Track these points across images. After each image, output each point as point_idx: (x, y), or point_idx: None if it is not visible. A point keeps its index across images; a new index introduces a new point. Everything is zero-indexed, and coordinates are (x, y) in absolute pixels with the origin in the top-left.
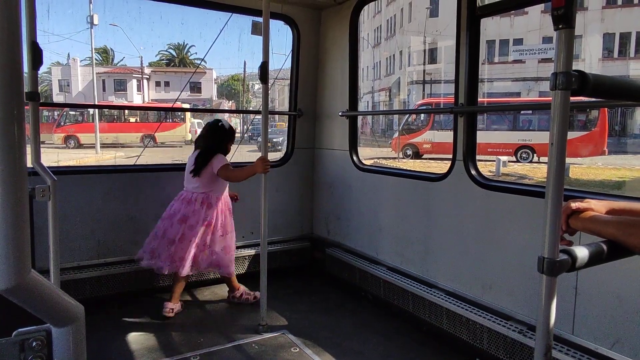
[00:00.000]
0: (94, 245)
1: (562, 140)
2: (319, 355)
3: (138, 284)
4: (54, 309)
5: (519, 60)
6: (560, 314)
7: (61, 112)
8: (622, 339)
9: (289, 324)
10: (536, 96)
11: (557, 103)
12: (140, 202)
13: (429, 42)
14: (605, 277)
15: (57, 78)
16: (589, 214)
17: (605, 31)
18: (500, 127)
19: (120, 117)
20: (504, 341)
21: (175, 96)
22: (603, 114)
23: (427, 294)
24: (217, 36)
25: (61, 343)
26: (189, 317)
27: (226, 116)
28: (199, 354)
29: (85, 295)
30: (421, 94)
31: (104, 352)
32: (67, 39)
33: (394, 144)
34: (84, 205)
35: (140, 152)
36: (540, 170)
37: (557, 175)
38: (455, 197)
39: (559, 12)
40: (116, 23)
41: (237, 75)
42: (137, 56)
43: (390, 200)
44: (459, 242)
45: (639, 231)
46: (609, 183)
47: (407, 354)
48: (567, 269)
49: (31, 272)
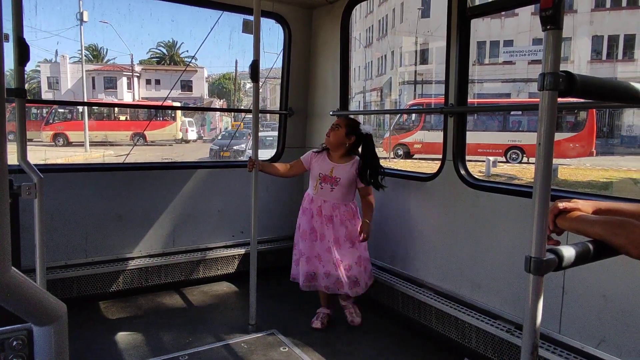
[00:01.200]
0: (81, 244)
1: (549, 140)
2: (308, 354)
3: (126, 283)
4: (35, 308)
5: (509, 61)
6: (547, 313)
7: (50, 110)
8: (607, 338)
9: (278, 324)
10: (526, 97)
11: (545, 104)
12: (129, 201)
13: (420, 43)
14: (591, 277)
15: (46, 75)
16: (576, 214)
17: (594, 33)
18: (490, 128)
19: (110, 115)
20: (492, 340)
21: (165, 94)
22: (591, 116)
23: (416, 293)
24: (207, 34)
25: (43, 342)
26: (178, 317)
27: (217, 115)
28: (187, 354)
29: (73, 294)
30: (412, 94)
31: (91, 351)
32: (55, 35)
33: (385, 144)
34: (72, 204)
35: (129, 150)
36: (529, 171)
37: (545, 175)
38: (445, 197)
39: (547, 13)
40: (106, 20)
41: (228, 73)
42: (127, 54)
43: (381, 200)
44: (448, 241)
45: (624, 231)
46: (597, 184)
47: (396, 353)
48: (554, 268)
49: (11, 270)
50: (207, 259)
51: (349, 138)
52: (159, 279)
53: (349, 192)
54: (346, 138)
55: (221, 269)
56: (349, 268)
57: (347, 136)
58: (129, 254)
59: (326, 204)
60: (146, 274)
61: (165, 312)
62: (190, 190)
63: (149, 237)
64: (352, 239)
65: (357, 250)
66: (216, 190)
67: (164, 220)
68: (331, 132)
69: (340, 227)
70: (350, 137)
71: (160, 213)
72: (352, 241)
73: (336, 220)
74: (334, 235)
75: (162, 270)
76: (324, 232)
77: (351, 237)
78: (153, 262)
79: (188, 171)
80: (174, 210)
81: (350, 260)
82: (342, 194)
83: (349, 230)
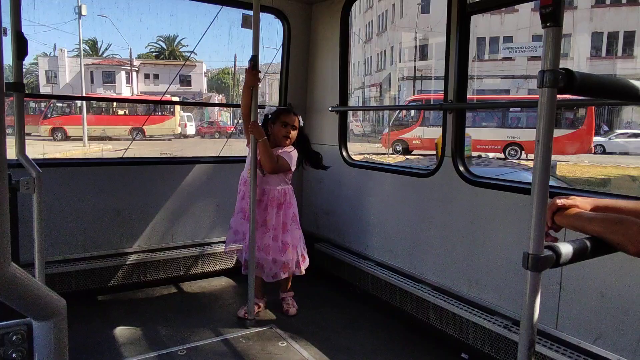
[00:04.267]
0: (80, 239)
1: (548, 137)
2: (306, 349)
3: (124, 278)
4: (35, 303)
5: (508, 57)
6: (544, 309)
7: (48, 104)
8: (604, 334)
9: (276, 318)
10: (525, 94)
11: (544, 100)
12: (128, 196)
13: (420, 39)
14: (589, 273)
15: (44, 69)
16: (574, 210)
17: (593, 30)
18: (490, 124)
19: (109, 109)
20: (489, 336)
21: (164, 89)
22: (590, 113)
23: (414, 289)
24: (207, 29)
25: (42, 337)
26: (176, 311)
27: (216, 110)
28: (185, 348)
29: (71, 288)
30: (412, 90)
31: (89, 346)
32: (54, 29)
33: (384, 140)
34: (70, 199)
35: (127, 145)
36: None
37: (543, 172)
38: (443, 193)
39: (547, 10)
40: (105, 14)
41: (227, 68)
42: (126, 48)
43: (379, 196)
44: (446, 237)
45: (622, 228)
46: (595, 181)
47: (394, 349)
48: (551, 265)
49: (10, 265)
50: (205, 254)
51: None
52: (157, 273)
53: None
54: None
55: (220, 264)
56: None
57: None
58: (128, 248)
59: (257, 188)
60: (145, 268)
61: (163, 307)
62: (189, 185)
63: (147, 232)
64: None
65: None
66: (215, 185)
67: (162, 215)
68: (292, 132)
69: (265, 212)
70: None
71: (159, 208)
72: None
73: (262, 205)
74: (270, 219)
75: (160, 265)
76: (264, 217)
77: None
78: (151, 257)
79: (187, 166)
80: (173, 205)
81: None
82: (275, 178)
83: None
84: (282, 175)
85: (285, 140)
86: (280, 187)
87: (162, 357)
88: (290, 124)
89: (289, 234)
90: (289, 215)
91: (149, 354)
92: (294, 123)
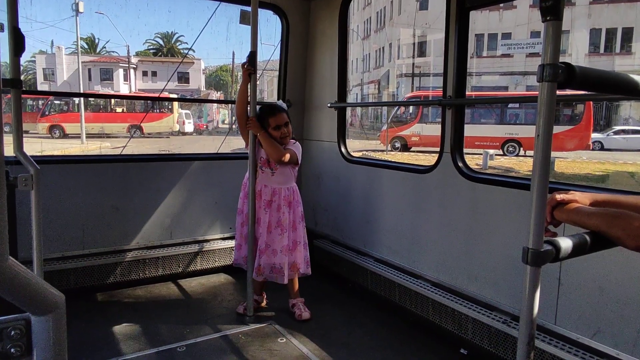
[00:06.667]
0: (78, 236)
1: (548, 132)
2: (305, 345)
3: (123, 274)
4: (33, 297)
5: (507, 54)
6: (543, 304)
7: (46, 101)
8: (603, 329)
9: (276, 315)
10: (523, 90)
11: (544, 95)
12: (126, 193)
13: (418, 35)
14: (588, 268)
15: (42, 66)
16: (573, 205)
17: (592, 26)
18: (488, 121)
19: (107, 106)
20: (488, 331)
21: (162, 86)
22: (588, 109)
23: (414, 285)
24: (204, 25)
25: (41, 332)
26: (175, 308)
27: (214, 107)
28: (185, 344)
29: (70, 285)
30: (410, 87)
31: (88, 342)
32: (51, 26)
33: (382, 137)
34: (69, 196)
35: (126, 142)
36: (526, 164)
37: (543, 167)
38: (442, 189)
39: (547, 4)
40: (102, 11)
41: (225, 65)
42: (123, 45)
43: (378, 192)
44: (446, 233)
45: (621, 223)
46: (593, 177)
47: (393, 345)
48: (550, 260)
49: (9, 260)
50: (204, 250)
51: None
52: (156, 270)
53: (290, 175)
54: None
55: (218, 260)
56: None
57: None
58: (126, 245)
59: (266, 188)
60: (143, 265)
61: (162, 304)
62: (188, 182)
63: (146, 228)
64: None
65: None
66: (213, 182)
67: (161, 212)
68: (286, 129)
69: (279, 212)
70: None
71: (158, 205)
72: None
73: (274, 205)
74: (270, 219)
75: (159, 262)
76: (261, 216)
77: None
78: (150, 254)
79: (185, 163)
80: (171, 202)
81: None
82: (284, 177)
83: (289, 215)
84: (291, 174)
85: (284, 140)
86: (289, 185)
87: (162, 353)
88: (282, 123)
89: (297, 232)
90: (298, 214)
91: (148, 350)
92: (285, 120)
